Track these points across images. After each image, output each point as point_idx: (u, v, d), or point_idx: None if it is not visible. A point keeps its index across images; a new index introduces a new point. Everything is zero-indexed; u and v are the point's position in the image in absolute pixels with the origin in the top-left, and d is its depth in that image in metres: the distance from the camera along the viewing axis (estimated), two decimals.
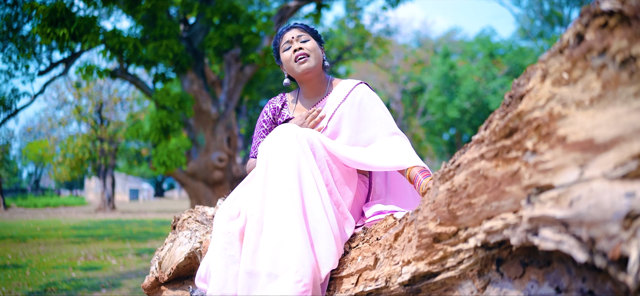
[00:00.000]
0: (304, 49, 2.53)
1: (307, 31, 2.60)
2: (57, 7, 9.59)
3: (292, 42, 2.57)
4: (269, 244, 1.85)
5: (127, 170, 47.66)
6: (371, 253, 1.74)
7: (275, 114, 2.76)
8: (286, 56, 2.57)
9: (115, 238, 14.53)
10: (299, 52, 2.53)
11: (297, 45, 2.54)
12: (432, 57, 35.70)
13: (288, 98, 2.79)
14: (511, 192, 1.04)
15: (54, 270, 9.01)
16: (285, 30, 2.62)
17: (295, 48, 2.54)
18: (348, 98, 2.52)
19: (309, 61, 2.53)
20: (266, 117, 2.77)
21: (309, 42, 2.57)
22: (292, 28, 2.61)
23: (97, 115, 29.64)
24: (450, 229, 1.25)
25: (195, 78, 12.62)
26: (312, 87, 2.65)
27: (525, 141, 1.01)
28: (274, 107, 2.77)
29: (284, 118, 2.71)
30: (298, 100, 2.72)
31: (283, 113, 2.73)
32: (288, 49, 2.57)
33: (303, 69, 2.54)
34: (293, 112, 2.69)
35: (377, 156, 2.31)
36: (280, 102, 2.78)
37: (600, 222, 0.80)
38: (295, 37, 2.57)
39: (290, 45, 2.57)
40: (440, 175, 1.32)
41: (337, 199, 2.18)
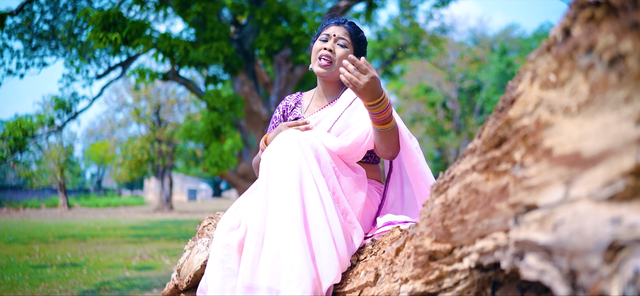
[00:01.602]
0: (332, 54, 2.42)
1: (351, 37, 2.46)
2: (110, 12, 9.78)
3: (329, 38, 2.45)
4: (269, 258, 1.76)
5: (185, 171, 48.55)
6: (373, 267, 1.63)
7: (285, 112, 2.68)
8: (316, 46, 2.47)
9: (171, 237, 14.79)
10: (325, 53, 2.41)
11: (331, 45, 2.43)
12: (489, 54, 35.03)
13: (304, 97, 2.70)
14: (501, 209, 0.91)
15: (109, 269, 9.21)
16: (334, 23, 2.49)
17: (326, 47, 2.42)
18: (354, 102, 2.39)
19: (328, 68, 2.43)
20: (278, 114, 2.70)
21: (344, 49, 2.43)
22: (341, 26, 2.47)
23: (155, 117, 30.27)
24: (445, 247, 1.14)
25: (246, 79, 12.68)
26: (327, 88, 2.55)
27: (513, 152, 0.89)
28: (286, 105, 2.69)
29: (294, 117, 2.60)
30: (312, 100, 2.61)
31: (294, 112, 2.64)
32: (323, 41, 2.45)
33: (319, 71, 2.44)
34: (304, 112, 2.59)
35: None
36: (295, 100, 2.70)
37: (582, 252, 0.68)
38: (336, 37, 2.44)
39: (326, 39, 2.45)
40: (436, 187, 1.21)
41: (344, 208, 2.07)
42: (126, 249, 12.05)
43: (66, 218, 23.76)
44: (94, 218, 24.27)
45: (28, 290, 7.32)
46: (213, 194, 64.96)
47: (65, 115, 14.22)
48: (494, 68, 32.50)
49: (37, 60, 13.72)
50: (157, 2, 12.55)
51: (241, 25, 13.37)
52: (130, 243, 13.42)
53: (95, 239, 14.14)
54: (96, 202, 38.83)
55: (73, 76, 14.55)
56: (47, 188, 38.99)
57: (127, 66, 14.67)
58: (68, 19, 13.54)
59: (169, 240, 14.08)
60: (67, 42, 13.63)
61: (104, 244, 13.15)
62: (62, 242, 13.47)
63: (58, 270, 9.02)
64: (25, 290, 7.28)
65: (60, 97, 13.96)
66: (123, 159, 30.63)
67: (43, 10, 13.03)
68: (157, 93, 29.57)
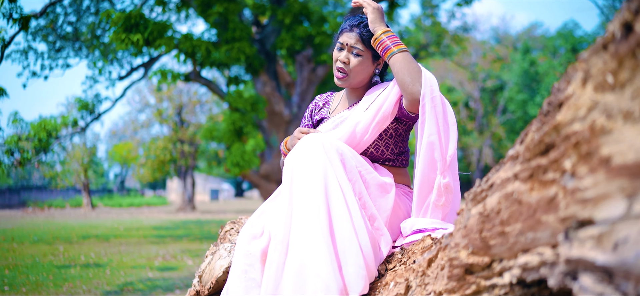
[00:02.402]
0: (347, 66, 2.34)
1: (365, 43, 2.34)
2: (132, 13, 9.81)
3: (344, 48, 2.36)
4: (293, 268, 1.69)
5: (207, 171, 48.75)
6: (404, 278, 1.55)
7: (312, 112, 2.62)
8: (334, 55, 2.40)
9: (193, 238, 14.84)
10: (340, 66, 2.35)
11: (345, 57, 2.35)
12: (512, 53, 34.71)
13: (333, 97, 2.63)
14: (548, 222, 0.83)
15: (132, 269, 9.25)
16: (348, 29, 2.38)
17: (340, 58, 2.35)
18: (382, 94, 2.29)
19: (344, 80, 2.37)
20: (307, 113, 2.65)
21: (358, 58, 2.34)
22: (354, 32, 2.36)
23: (177, 117, 30.42)
24: (483, 260, 1.06)
25: (268, 80, 12.65)
26: (351, 92, 2.48)
27: (563, 161, 0.80)
28: (315, 104, 2.64)
29: (321, 117, 2.54)
30: (340, 101, 2.53)
31: (321, 112, 2.57)
32: (339, 50, 2.38)
33: (337, 82, 2.39)
34: (331, 113, 2.52)
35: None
36: (324, 100, 2.64)
37: None
38: (349, 46, 2.35)
39: (342, 50, 2.37)
40: (473, 196, 1.13)
41: (371, 214, 1.98)
42: (149, 249, 12.10)
43: (90, 218, 23.98)
44: (117, 218, 24.46)
45: (52, 290, 7.37)
46: (235, 195, 65.16)
47: (89, 116, 14.34)
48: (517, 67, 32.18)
49: (61, 62, 13.85)
50: (178, 3, 12.58)
51: (263, 26, 13.35)
52: (153, 243, 13.48)
53: (119, 240, 14.23)
54: (119, 202, 39.15)
55: (96, 77, 14.67)
56: (71, 188, 39.43)
57: (149, 67, 14.76)
58: (91, 20, 13.65)
59: (191, 241, 14.12)
60: (90, 43, 13.74)
61: (127, 244, 13.23)
62: (86, 242, 13.58)
63: (82, 270, 9.08)
64: (50, 290, 7.33)
65: (83, 99, 14.07)
66: (146, 159, 30.83)
67: (66, 12, 13.14)
68: (179, 94, 29.71)
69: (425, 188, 2.15)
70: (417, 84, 2.12)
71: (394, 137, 2.37)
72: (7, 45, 9.00)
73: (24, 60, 13.02)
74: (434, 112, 2.11)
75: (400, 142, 2.40)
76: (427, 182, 2.14)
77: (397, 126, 2.36)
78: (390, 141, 2.37)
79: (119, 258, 10.66)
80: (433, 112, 2.11)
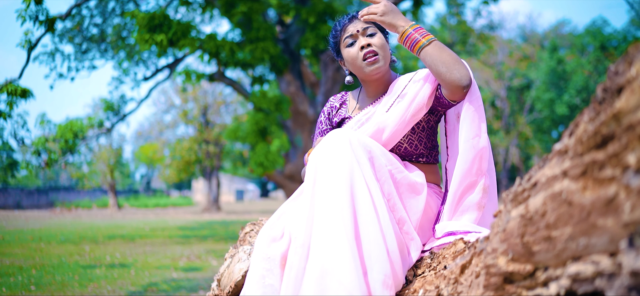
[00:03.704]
0: (372, 47, 2.19)
1: (373, 22, 2.23)
2: (156, 14, 9.82)
3: (357, 36, 2.22)
4: (314, 273, 1.57)
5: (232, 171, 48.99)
6: (434, 286, 1.43)
7: (330, 114, 2.46)
8: (351, 53, 2.23)
9: (219, 238, 14.84)
10: (368, 50, 2.18)
11: (364, 40, 2.19)
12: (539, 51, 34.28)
13: (349, 97, 2.47)
14: (606, 227, 0.71)
15: (156, 270, 9.25)
16: (348, 21, 2.26)
17: (362, 44, 2.19)
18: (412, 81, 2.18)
19: (378, 61, 2.19)
20: (323, 117, 2.49)
21: (376, 36, 2.21)
22: (356, 19, 2.25)
23: (202, 118, 30.58)
24: (525, 268, 0.94)
25: (292, 79, 12.59)
26: (376, 87, 2.31)
27: (625, 155, 0.69)
28: (331, 106, 2.48)
29: (341, 118, 2.39)
30: (358, 99, 2.39)
31: (340, 113, 2.42)
32: (352, 45, 2.23)
33: (372, 70, 2.20)
34: (351, 112, 2.37)
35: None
36: (340, 101, 2.48)
37: None
38: (361, 31, 2.21)
39: (354, 41, 2.23)
40: (513, 196, 1.01)
41: (400, 217, 1.86)
42: (174, 250, 12.12)
43: (116, 219, 24.20)
44: (143, 218, 24.64)
45: (77, 290, 7.38)
46: (260, 195, 65.43)
47: (114, 117, 14.46)
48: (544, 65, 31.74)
49: (87, 63, 13.97)
50: (202, 3, 12.59)
51: (287, 25, 13.30)
52: (178, 243, 13.51)
53: (144, 240, 14.29)
54: (145, 203, 39.52)
55: (121, 78, 14.79)
56: (98, 188, 39.95)
57: (174, 67, 14.81)
58: (116, 22, 13.75)
59: (216, 241, 14.12)
60: (116, 45, 13.84)
61: (152, 244, 13.27)
62: (112, 242, 13.65)
63: (107, 270, 9.10)
64: (75, 290, 7.34)
65: (109, 100, 14.18)
66: (171, 160, 31.06)
67: (92, 14, 13.24)
68: (204, 95, 29.87)
69: (464, 188, 2.04)
70: (455, 71, 1.99)
71: (426, 130, 2.26)
72: (33, 47, 9.08)
73: (51, 62, 13.15)
74: (481, 109, 2.02)
75: (432, 136, 2.28)
76: (468, 182, 2.03)
77: (429, 118, 2.25)
78: (423, 134, 2.25)
79: (144, 258, 10.68)
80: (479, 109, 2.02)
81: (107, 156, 30.39)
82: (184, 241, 13.98)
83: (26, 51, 8.99)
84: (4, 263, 9.74)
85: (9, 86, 8.24)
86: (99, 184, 31.62)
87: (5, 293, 7.11)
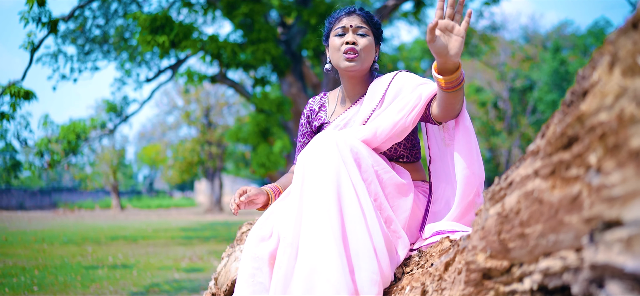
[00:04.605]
0: (356, 46, 2.22)
1: (369, 24, 2.27)
2: (158, 16, 9.86)
3: (347, 30, 2.25)
4: (303, 272, 1.61)
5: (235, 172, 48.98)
6: (420, 283, 1.47)
7: (310, 118, 2.48)
8: (335, 43, 2.26)
9: (221, 239, 14.87)
10: (351, 47, 2.21)
11: (352, 37, 2.22)
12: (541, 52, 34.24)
13: (329, 98, 2.49)
14: (571, 224, 0.75)
15: (159, 270, 9.28)
16: (345, 14, 2.28)
17: (348, 40, 2.22)
18: (389, 88, 2.20)
19: (356, 62, 2.22)
20: (303, 120, 2.52)
21: (366, 38, 2.24)
22: (355, 14, 2.27)
23: (205, 119, 30.62)
24: (501, 264, 0.97)
25: (294, 81, 12.62)
26: (353, 86, 2.33)
27: (587, 155, 0.72)
28: (310, 109, 2.50)
29: (320, 122, 2.42)
30: (338, 101, 2.41)
31: (319, 116, 2.44)
32: (340, 36, 2.25)
33: (347, 67, 2.23)
34: (330, 116, 2.39)
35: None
36: (319, 103, 2.50)
37: None
38: (353, 27, 2.24)
39: (344, 34, 2.25)
40: (491, 195, 1.05)
41: (387, 216, 1.90)
42: (176, 250, 12.15)
43: (119, 220, 24.25)
44: (146, 219, 24.69)
45: (80, 290, 7.42)
46: None
47: (117, 118, 14.49)
48: (546, 66, 31.72)
49: (90, 64, 14.01)
50: (204, 5, 12.62)
51: (288, 27, 13.33)
52: (180, 244, 13.54)
53: (146, 241, 14.33)
54: (148, 204, 39.58)
55: (124, 80, 14.82)
56: (101, 189, 40.03)
57: (177, 69, 14.85)
58: (119, 23, 13.79)
59: (218, 242, 14.15)
60: (118, 46, 13.88)
61: (155, 245, 13.31)
62: (114, 243, 13.69)
63: (109, 271, 9.14)
64: (77, 291, 7.38)
65: (111, 101, 14.22)
66: (174, 161, 31.09)
67: (95, 15, 13.29)
68: (206, 96, 29.92)
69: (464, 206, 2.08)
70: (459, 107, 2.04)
71: None
72: (36, 49, 9.13)
73: (53, 63, 13.19)
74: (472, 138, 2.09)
75: (410, 136, 2.30)
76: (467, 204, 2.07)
77: None
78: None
79: (146, 259, 10.72)
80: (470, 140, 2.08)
81: (110, 157, 30.46)
82: (187, 242, 14.02)
83: (29, 52, 9.04)
84: (6, 263, 9.78)
85: (12, 87, 8.28)
86: (101, 185, 31.70)
87: (8, 293, 7.15)
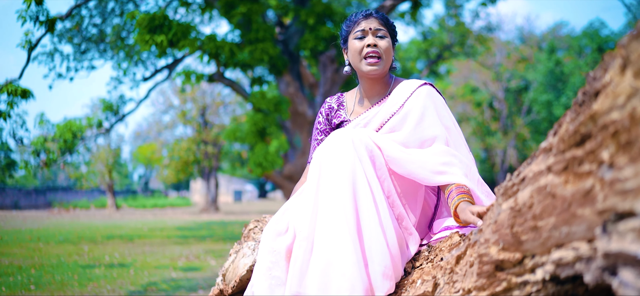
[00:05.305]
0: (378, 48, 2.26)
1: (386, 26, 2.32)
2: (156, 15, 9.87)
3: (367, 33, 2.29)
4: (318, 265, 1.66)
5: (231, 172, 49.01)
6: (431, 276, 1.52)
7: (329, 116, 2.51)
8: (356, 46, 2.30)
9: (217, 238, 14.90)
10: (372, 50, 2.25)
11: (372, 40, 2.27)
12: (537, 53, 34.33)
13: (346, 98, 2.52)
14: (584, 216, 0.80)
15: (156, 269, 9.30)
16: (363, 17, 2.32)
17: (369, 43, 2.26)
18: (412, 96, 2.24)
19: (379, 65, 2.27)
20: (321, 118, 2.53)
21: (385, 39, 2.29)
22: (372, 17, 2.32)
23: (201, 118, 30.60)
24: (514, 256, 1.02)
25: (291, 80, 12.65)
26: (373, 86, 2.37)
27: (600, 151, 0.77)
28: (329, 107, 2.52)
29: (340, 120, 2.45)
30: (356, 101, 2.45)
31: (339, 114, 2.47)
32: (360, 39, 2.29)
33: (370, 70, 2.27)
34: (350, 115, 2.43)
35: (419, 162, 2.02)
36: (337, 102, 2.53)
37: None
38: (373, 30, 2.29)
39: (364, 36, 2.29)
40: (503, 190, 1.10)
41: (400, 213, 1.95)
42: (172, 250, 12.17)
43: (114, 219, 24.23)
44: (141, 218, 24.68)
45: (77, 289, 7.43)
46: (258, 196, 65.43)
47: (113, 117, 14.47)
48: (542, 67, 31.80)
49: (86, 63, 14.00)
50: (202, 4, 12.63)
51: (286, 26, 13.36)
52: (176, 244, 13.56)
53: (143, 240, 14.34)
54: (143, 203, 39.54)
55: (121, 79, 14.80)
56: (96, 189, 39.95)
57: (173, 68, 14.84)
58: (116, 22, 13.77)
59: (215, 241, 14.18)
60: (115, 45, 13.86)
61: (151, 245, 13.32)
62: (110, 242, 13.70)
63: (106, 270, 9.15)
64: (74, 290, 7.39)
65: (108, 100, 14.20)
66: (170, 160, 31.04)
67: (92, 14, 13.27)
68: (202, 95, 29.90)
69: None
70: None
71: None
72: (33, 48, 9.12)
73: (50, 62, 13.18)
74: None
75: None
76: None
77: None
78: None
79: (142, 258, 10.73)
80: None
81: (106, 156, 30.41)
82: (183, 242, 14.03)
83: (26, 51, 9.03)
84: (3, 262, 9.78)
85: (9, 86, 8.28)
86: (97, 184, 31.62)
87: (5, 292, 7.16)
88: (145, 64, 14.97)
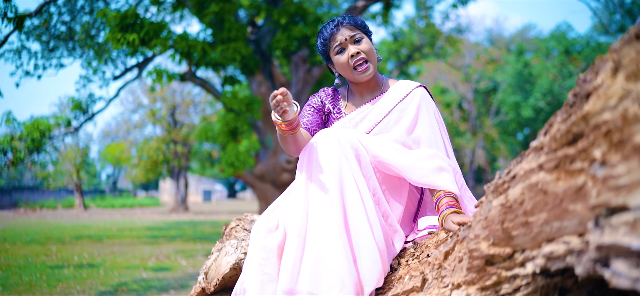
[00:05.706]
0: (361, 54, 2.30)
1: (358, 28, 2.35)
2: (128, 13, 9.77)
3: (346, 44, 2.32)
4: (309, 262, 1.70)
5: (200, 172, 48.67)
6: (419, 272, 1.56)
7: (324, 101, 2.50)
8: (341, 60, 2.33)
9: (187, 238, 14.80)
10: (359, 58, 2.29)
11: (354, 49, 2.30)
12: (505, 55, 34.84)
13: (341, 94, 2.54)
14: (575, 211, 0.84)
15: (126, 270, 9.21)
16: (335, 29, 2.34)
17: (352, 53, 2.30)
18: (407, 97, 2.30)
19: (369, 68, 2.31)
20: (316, 99, 2.52)
21: (363, 42, 2.32)
22: (343, 26, 2.34)
23: (170, 118, 30.35)
24: (504, 251, 1.07)
25: (263, 80, 12.65)
26: (366, 86, 2.43)
27: (592, 150, 0.82)
28: (326, 94, 2.53)
29: (335, 108, 2.47)
30: (348, 98, 2.48)
31: (335, 104, 2.48)
32: (341, 52, 2.33)
33: (362, 77, 2.32)
34: (345, 109, 2.45)
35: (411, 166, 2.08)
36: (333, 93, 2.54)
37: None
38: (348, 38, 2.32)
39: (343, 49, 2.33)
40: (494, 187, 1.14)
41: (385, 210, 2.00)
42: (142, 250, 12.06)
43: (82, 219, 23.89)
44: (110, 218, 24.37)
45: (46, 290, 7.32)
46: (228, 195, 65.14)
47: (82, 116, 14.26)
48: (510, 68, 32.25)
49: (55, 61, 13.76)
50: (174, 3, 12.54)
51: (258, 26, 13.35)
52: (146, 244, 13.43)
53: (112, 240, 14.18)
54: (112, 203, 39.03)
55: (90, 77, 14.60)
56: (64, 188, 39.30)
57: (144, 67, 14.70)
58: (85, 20, 13.58)
59: (185, 241, 14.08)
60: (84, 43, 13.67)
61: (120, 245, 13.18)
62: (79, 243, 13.51)
63: (75, 271, 9.03)
64: (43, 290, 7.28)
65: (77, 98, 14.00)
66: (138, 160, 30.72)
67: (60, 11, 13.07)
68: (172, 94, 29.66)
69: None
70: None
71: None
72: (1, 45, 8.96)
73: (17, 59, 12.93)
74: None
75: None
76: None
77: None
78: None
79: (112, 258, 10.62)
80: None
81: (73, 155, 29.93)
82: (153, 242, 13.91)
83: None
84: None
85: None
86: (64, 184, 31.09)
87: None
88: (115, 62, 14.79)
